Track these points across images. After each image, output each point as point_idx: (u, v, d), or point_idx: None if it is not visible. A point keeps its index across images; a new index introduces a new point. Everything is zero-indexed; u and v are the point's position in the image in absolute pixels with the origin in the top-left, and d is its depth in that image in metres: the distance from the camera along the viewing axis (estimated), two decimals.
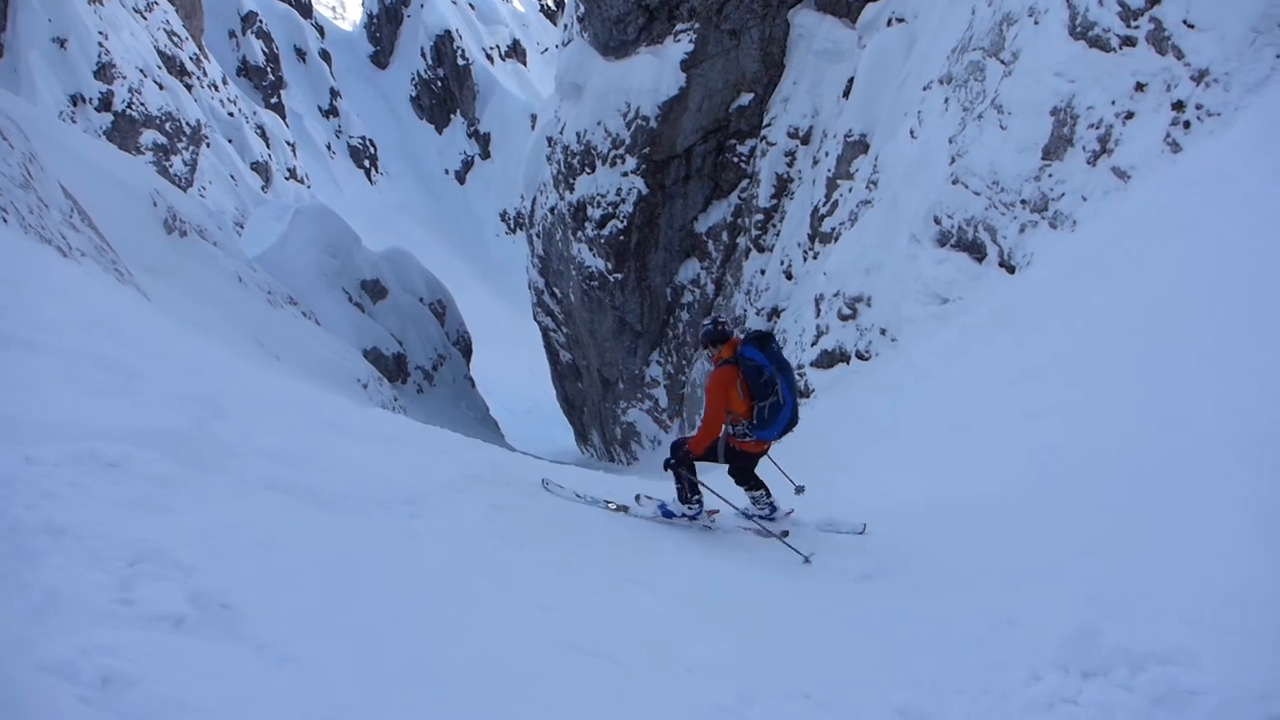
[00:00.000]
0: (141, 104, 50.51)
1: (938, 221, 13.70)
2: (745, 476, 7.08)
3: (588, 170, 28.60)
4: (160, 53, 55.52)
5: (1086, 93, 11.36)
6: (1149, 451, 6.12)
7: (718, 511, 7.19)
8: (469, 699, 3.35)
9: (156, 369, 6.89)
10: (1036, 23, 12.51)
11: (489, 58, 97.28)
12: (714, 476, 7.40)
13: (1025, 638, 4.45)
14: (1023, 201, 12.17)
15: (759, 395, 6.45)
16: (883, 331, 14.68)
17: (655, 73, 26.54)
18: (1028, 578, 5.23)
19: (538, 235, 34.77)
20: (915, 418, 10.94)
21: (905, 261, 14.38)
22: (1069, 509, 6.00)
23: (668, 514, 7.02)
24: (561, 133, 30.11)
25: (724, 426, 6.63)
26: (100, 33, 48.98)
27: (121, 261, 15.65)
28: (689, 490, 6.91)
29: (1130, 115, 10.83)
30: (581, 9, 29.32)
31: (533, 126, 55.02)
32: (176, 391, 6.25)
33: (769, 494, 7.16)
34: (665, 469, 6.87)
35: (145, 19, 55.66)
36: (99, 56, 48.45)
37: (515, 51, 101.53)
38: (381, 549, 4.67)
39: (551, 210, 32.36)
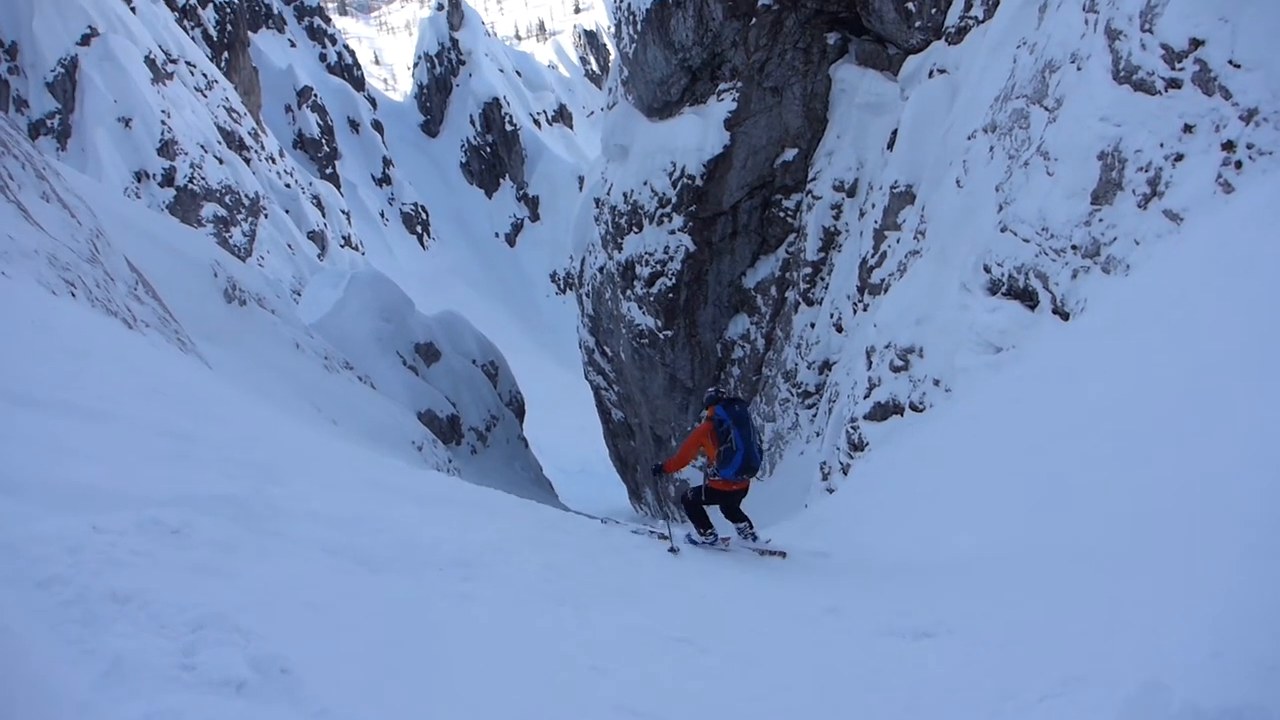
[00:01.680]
0: (202, 178, 52.09)
1: (987, 270, 13.61)
2: (731, 513, 9.09)
3: (635, 229, 28.87)
4: (220, 128, 57.32)
5: (1134, 136, 11.29)
6: (1216, 502, 5.97)
7: (729, 539, 9.03)
8: None
9: (216, 435, 7.04)
10: (1079, 69, 12.50)
11: (536, 123, 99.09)
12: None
13: (1091, 695, 4.34)
14: (1074, 247, 12.06)
15: (721, 443, 8.45)
16: (936, 382, 14.54)
17: (699, 132, 26.85)
18: (1091, 631, 5.10)
19: (587, 295, 35.06)
20: (971, 469, 10.79)
21: (956, 311, 14.28)
22: (1131, 560, 5.87)
23: (693, 541, 8.94)
24: (609, 193, 30.48)
25: (703, 472, 8.83)
26: (163, 111, 50.75)
27: (184, 331, 16.06)
28: (702, 526, 8.98)
29: (1180, 157, 10.74)
30: (625, 72, 29.83)
31: (580, 188, 55.75)
32: (235, 457, 6.37)
33: (751, 526, 9.18)
34: (654, 474, 9.20)
35: (205, 96, 57.58)
36: (162, 134, 50.15)
37: (561, 116, 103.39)
38: (433, 611, 4.70)
39: (600, 270, 32.65)
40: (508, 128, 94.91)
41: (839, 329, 23.03)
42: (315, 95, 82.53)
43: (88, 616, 3.43)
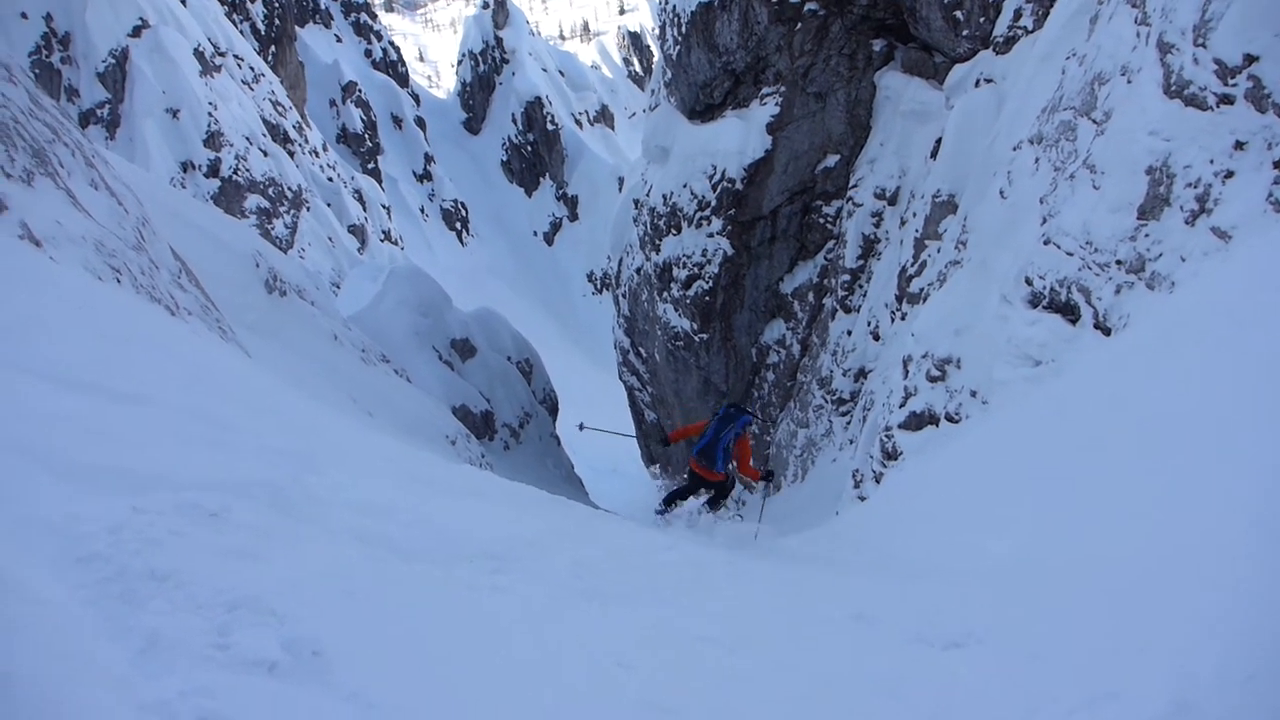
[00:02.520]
0: (247, 170, 52.73)
1: (1029, 282, 13.50)
2: (713, 502, 11.23)
3: (674, 232, 28.89)
4: (265, 121, 58.00)
5: (1183, 151, 11.15)
6: (1257, 523, 5.90)
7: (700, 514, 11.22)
8: None
9: (254, 423, 7.14)
10: (1129, 81, 12.37)
11: (578, 123, 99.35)
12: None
13: (1119, 711, 4.31)
14: (1118, 262, 11.93)
15: (706, 428, 10.61)
16: (973, 394, 14.43)
17: (741, 136, 26.82)
18: (1123, 647, 5.06)
19: (623, 296, 35.12)
20: (1006, 480, 10.71)
21: (996, 323, 14.16)
22: (1168, 578, 5.81)
23: (657, 511, 11.61)
24: (648, 195, 30.52)
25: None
26: (210, 103, 51.43)
27: (225, 320, 16.28)
28: (668, 502, 11.41)
29: (1230, 174, 10.59)
30: (668, 74, 29.86)
31: (620, 189, 55.85)
32: (273, 445, 6.46)
33: (713, 509, 11.27)
34: (662, 444, 11.83)
35: (252, 90, 58.29)
36: (208, 126, 50.83)
37: (603, 116, 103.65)
38: (463, 602, 4.75)
39: (638, 271, 32.70)
40: (549, 127, 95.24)
41: (876, 337, 22.91)
42: (360, 90, 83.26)
43: (126, 594, 3.51)
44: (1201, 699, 4.07)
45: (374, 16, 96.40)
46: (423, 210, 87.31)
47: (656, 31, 34.48)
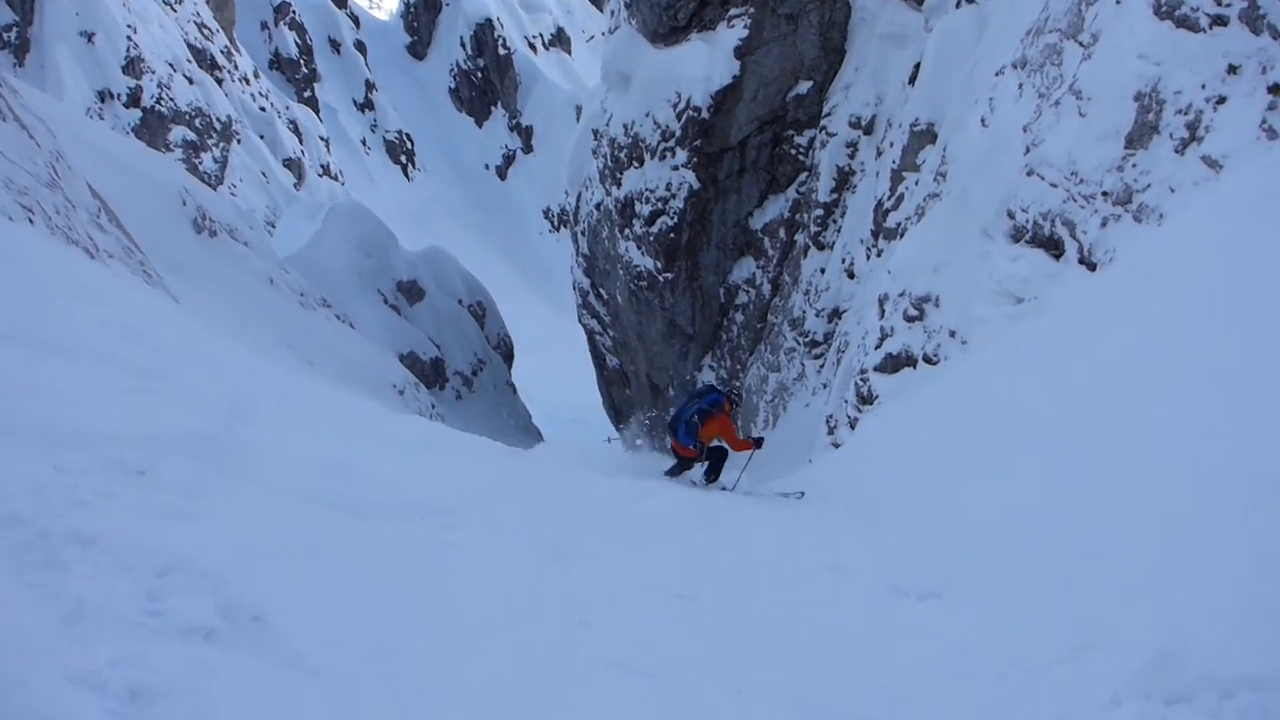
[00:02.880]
0: (170, 99, 51.59)
1: (1011, 216, 13.56)
2: (706, 470, 11.75)
3: (636, 164, 28.68)
4: (190, 46, 56.66)
5: (1173, 76, 11.19)
6: (1248, 464, 6.01)
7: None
8: (503, 716, 3.40)
9: (185, 373, 7.05)
10: (1118, 2, 12.35)
11: (532, 47, 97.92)
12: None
13: (1104, 661, 4.41)
14: (1104, 193, 12.01)
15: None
16: (952, 333, 14.54)
17: (707, 61, 26.55)
18: (1107, 595, 5.17)
19: (583, 233, 34.91)
20: (986, 424, 10.84)
21: (976, 258, 14.24)
22: (1153, 522, 5.92)
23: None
24: (608, 125, 30.22)
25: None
26: (129, 26, 50.11)
27: (150, 262, 16.01)
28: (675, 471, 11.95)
29: (1222, 100, 10.65)
30: None
31: (578, 119, 55.26)
32: (205, 396, 6.39)
33: (705, 482, 11.71)
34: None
35: (175, 11, 56.87)
36: (127, 50, 49.57)
37: (559, 40, 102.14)
38: (416, 561, 4.74)
39: (597, 206, 32.48)
40: (501, 51, 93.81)
41: (850, 275, 22.98)
42: (293, 12, 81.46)
43: (49, 559, 3.46)
44: (1188, 647, 4.17)
45: None
46: (364, 142, 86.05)
47: None
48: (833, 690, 4.26)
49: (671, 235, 28.29)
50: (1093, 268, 12.09)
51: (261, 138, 62.74)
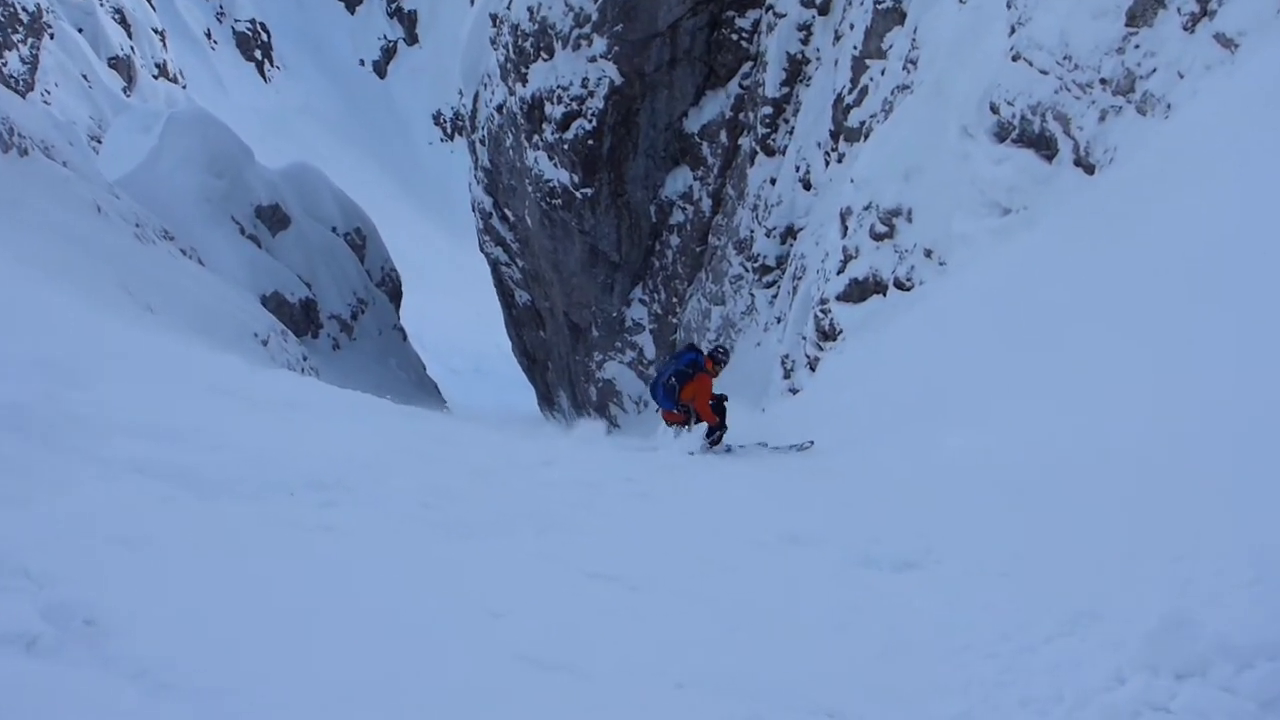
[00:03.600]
0: None
1: (995, 110, 13.68)
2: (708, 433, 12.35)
3: (544, 56, 28.39)
4: None
5: None
6: (1261, 409, 6.17)
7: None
8: None
9: None
10: None
11: None
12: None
13: (1106, 632, 4.53)
14: (1102, 81, 12.16)
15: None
16: (927, 253, 14.71)
17: None
18: (1109, 557, 5.31)
19: (482, 141, 34.57)
20: (969, 361, 11.00)
21: (955, 162, 14.37)
22: (1160, 470, 6.08)
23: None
24: (509, 8, 29.84)
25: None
26: None
27: None
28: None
29: None
30: None
31: (471, 1, 54.43)
32: (20, 355, 6.25)
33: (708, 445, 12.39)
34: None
35: None
36: None
37: None
38: (285, 546, 4.71)
39: (499, 109, 32.14)
40: None
41: (806, 186, 23.07)
42: None
43: None
44: (1198, 610, 4.30)
45: None
46: (209, 35, 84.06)
47: None
48: (794, 680, 4.32)
49: (590, 142, 28.14)
50: (1090, 170, 12.27)
51: (80, 31, 60.97)
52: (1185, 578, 4.75)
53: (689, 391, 12.21)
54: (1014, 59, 13.42)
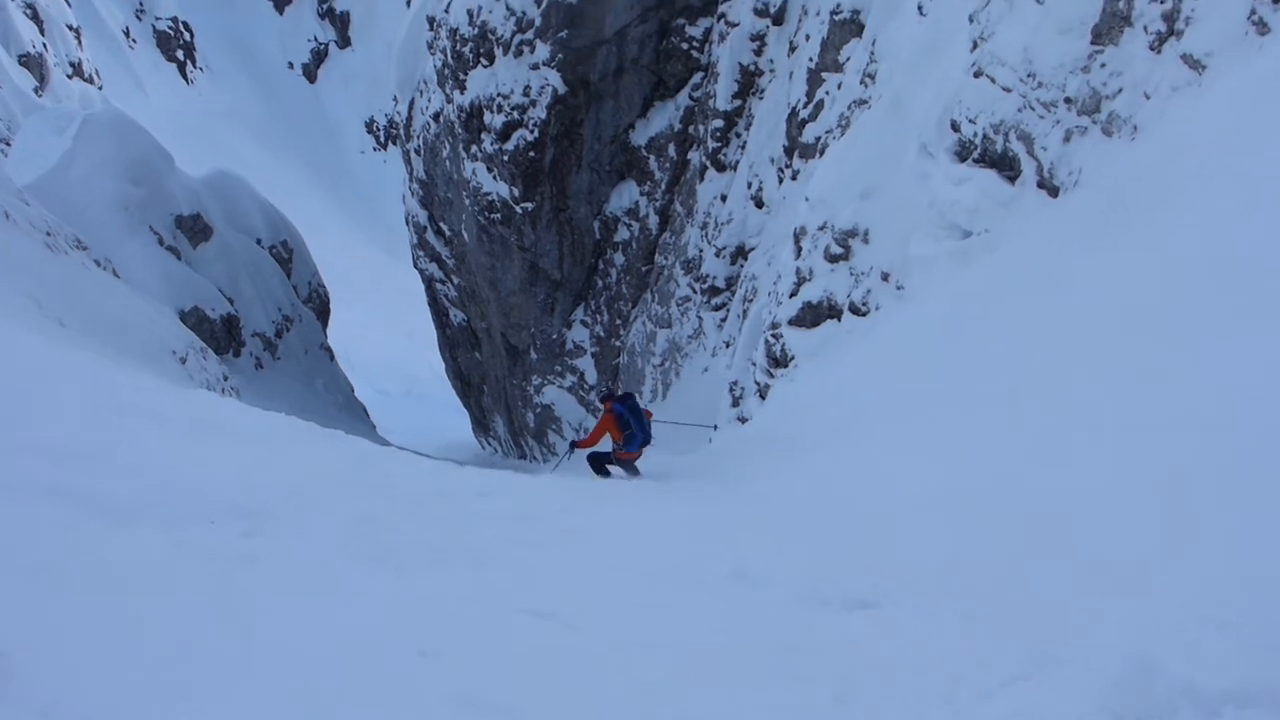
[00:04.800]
0: None
1: (956, 128, 13.84)
2: (628, 467, 14.97)
3: (484, 62, 28.40)
4: None
5: None
6: (1237, 437, 6.26)
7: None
8: None
9: None
10: None
11: None
12: None
13: (1069, 676, 4.55)
14: (1067, 100, 12.33)
15: (624, 430, 14.50)
16: (885, 276, 14.82)
17: None
18: (1073, 597, 5.35)
19: (417, 151, 34.51)
20: (928, 389, 11.09)
21: (914, 181, 14.51)
22: (1126, 508, 6.14)
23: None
24: (447, 11, 29.85)
25: (613, 447, 14.77)
26: None
27: None
28: (601, 474, 15.07)
29: None
30: None
31: (408, 3, 54.36)
32: None
33: (637, 472, 14.99)
34: (570, 449, 15.69)
35: None
36: None
37: None
38: (203, 578, 4.65)
39: (436, 117, 32.10)
40: None
41: (759, 204, 23.22)
42: None
43: None
44: (1165, 654, 4.34)
45: None
46: (128, 33, 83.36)
47: None
48: None
49: (531, 154, 28.17)
50: (1054, 192, 12.43)
51: None
52: (1152, 618, 4.79)
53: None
54: (976, 75, 13.59)
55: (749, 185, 23.64)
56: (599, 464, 15.24)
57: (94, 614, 3.99)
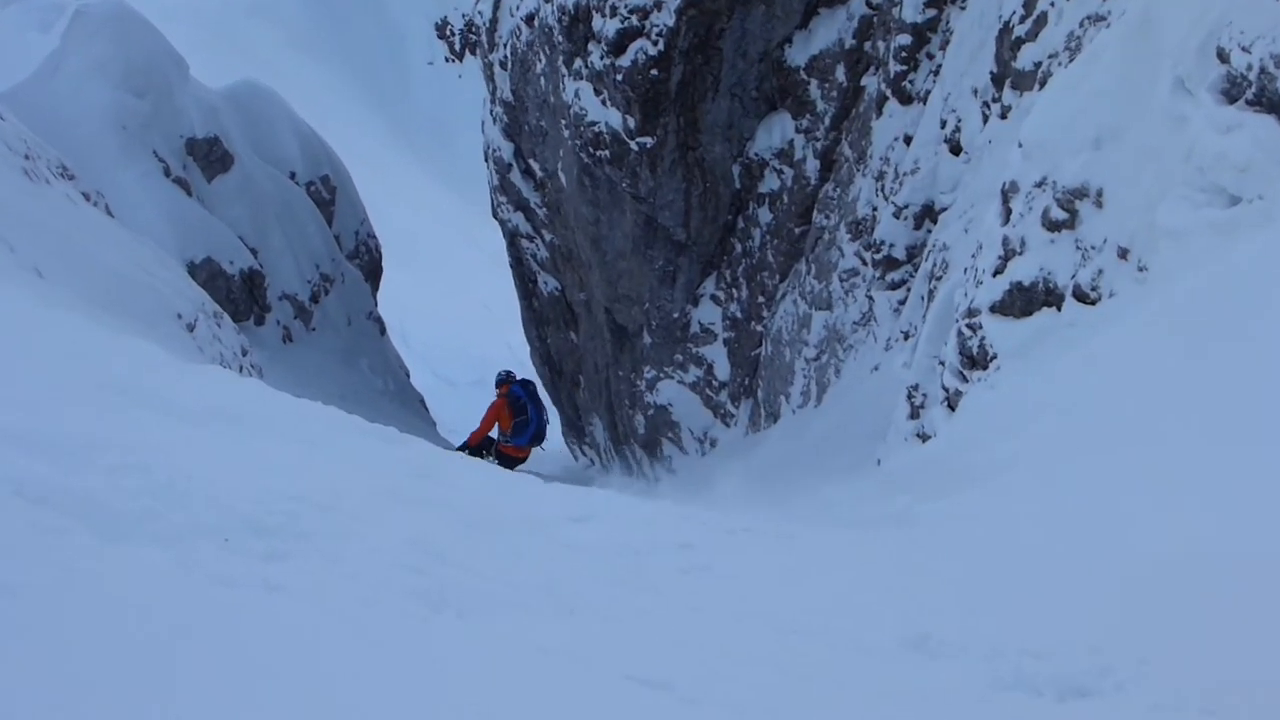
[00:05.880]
0: None
1: (1224, 58, 13.59)
2: (510, 466, 15.79)
3: None
4: None
5: None
6: None
7: None
8: None
9: None
10: None
11: None
12: None
13: None
14: None
15: (516, 415, 16.53)
16: (1122, 253, 14.61)
17: None
18: None
19: (502, 64, 34.72)
20: (1184, 409, 10.92)
21: (1166, 127, 14.28)
22: None
23: None
24: None
25: (498, 437, 16.74)
26: None
27: None
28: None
29: None
30: None
31: None
32: None
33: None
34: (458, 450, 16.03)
35: None
36: None
37: None
38: (213, 610, 4.72)
39: (529, 20, 32.26)
40: None
41: (955, 149, 23.01)
42: None
43: None
44: None
45: None
46: None
47: None
48: None
49: (654, 73, 28.14)
50: None
51: None
52: None
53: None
54: None
55: (942, 124, 23.40)
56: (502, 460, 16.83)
57: (76, 651, 4.06)
